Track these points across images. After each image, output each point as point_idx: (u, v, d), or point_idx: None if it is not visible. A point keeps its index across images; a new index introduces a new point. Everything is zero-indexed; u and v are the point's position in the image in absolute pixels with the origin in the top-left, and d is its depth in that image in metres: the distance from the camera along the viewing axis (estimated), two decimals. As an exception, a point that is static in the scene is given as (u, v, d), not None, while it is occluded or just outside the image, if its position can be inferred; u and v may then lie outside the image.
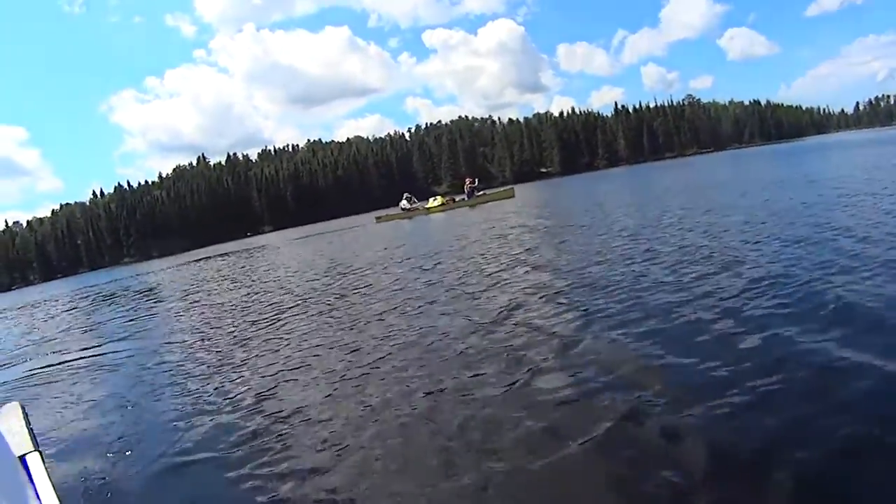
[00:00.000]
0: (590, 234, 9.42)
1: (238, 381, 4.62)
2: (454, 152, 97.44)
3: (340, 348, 4.93)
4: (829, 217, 6.97)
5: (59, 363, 7.21)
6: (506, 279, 6.59)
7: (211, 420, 3.77)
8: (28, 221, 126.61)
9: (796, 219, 7.35)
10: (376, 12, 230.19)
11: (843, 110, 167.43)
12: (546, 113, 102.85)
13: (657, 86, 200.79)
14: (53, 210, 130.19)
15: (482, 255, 9.13)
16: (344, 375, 4.11)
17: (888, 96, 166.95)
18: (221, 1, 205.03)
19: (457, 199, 31.42)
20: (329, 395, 3.81)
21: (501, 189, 34.96)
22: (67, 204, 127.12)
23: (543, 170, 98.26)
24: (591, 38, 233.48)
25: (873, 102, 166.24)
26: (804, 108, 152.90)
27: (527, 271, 6.85)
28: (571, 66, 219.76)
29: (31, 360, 8.13)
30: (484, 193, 31.87)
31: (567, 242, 8.92)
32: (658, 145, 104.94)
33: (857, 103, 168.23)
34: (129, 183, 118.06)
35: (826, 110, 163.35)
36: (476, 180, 32.52)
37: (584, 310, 4.52)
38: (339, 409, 3.56)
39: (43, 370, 6.94)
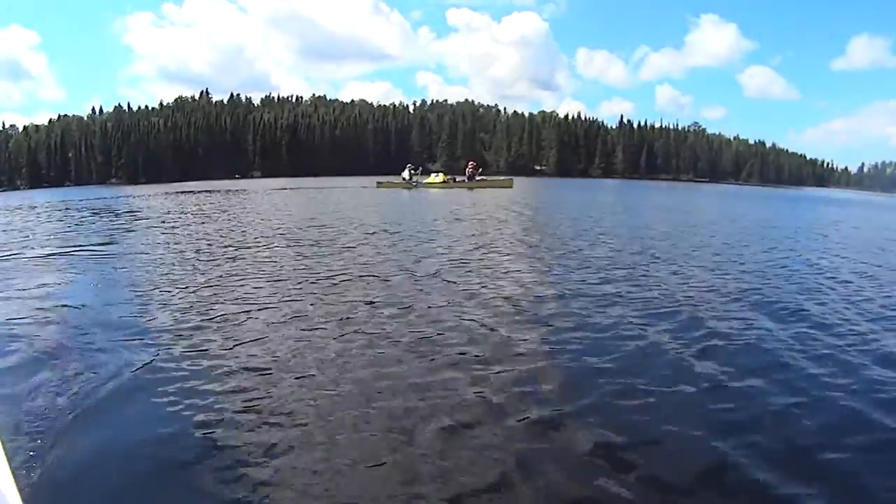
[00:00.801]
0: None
1: (183, 305, 5.29)
2: (454, 133, 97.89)
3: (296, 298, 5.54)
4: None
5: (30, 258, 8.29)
6: (468, 260, 7.68)
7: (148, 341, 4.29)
8: (25, 126, 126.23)
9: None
10: None
11: (846, 168, 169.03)
12: (551, 112, 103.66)
13: (669, 106, 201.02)
14: (51, 119, 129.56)
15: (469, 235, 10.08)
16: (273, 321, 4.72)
17: (894, 163, 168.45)
18: None
19: (457, 179, 32.48)
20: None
21: (501, 178, 36.04)
22: (65, 115, 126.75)
23: (538, 167, 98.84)
24: (613, 48, 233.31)
25: (879, 166, 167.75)
26: (808, 157, 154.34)
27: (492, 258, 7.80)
28: (588, 72, 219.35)
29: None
30: (484, 179, 33.17)
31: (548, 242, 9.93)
32: (655, 165, 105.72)
33: (863, 164, 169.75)
34: (129, 105, 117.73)
35: (830, 164, 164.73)
36: (479, 166, 33.81)
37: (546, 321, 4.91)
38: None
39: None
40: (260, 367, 3.69)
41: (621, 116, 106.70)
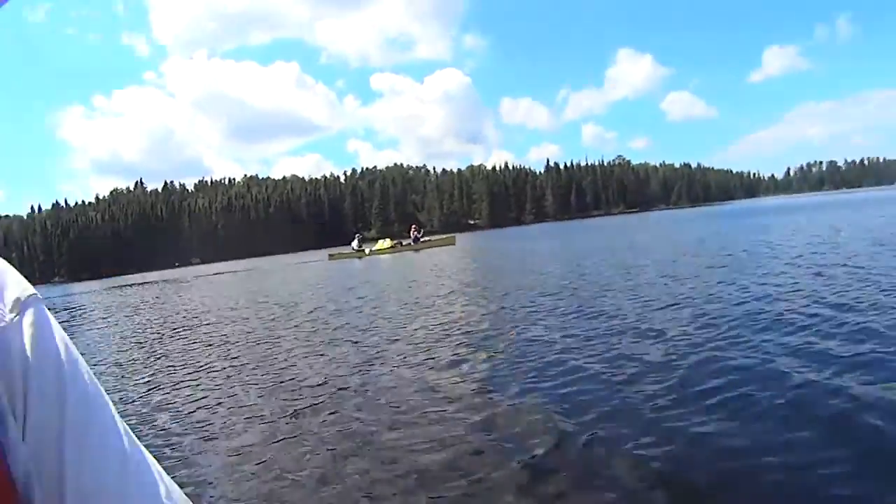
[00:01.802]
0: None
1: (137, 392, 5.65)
2: (386, 199, 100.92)
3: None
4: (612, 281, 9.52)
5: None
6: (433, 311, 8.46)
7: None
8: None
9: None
10: (327, 50, 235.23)
11: (773, 175, 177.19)
12: (479, 166, 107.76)
13: (595, 143, 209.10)
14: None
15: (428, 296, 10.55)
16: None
17: (820, 163, 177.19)
18: (178, 23, 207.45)
19: (404, 242, 34.81)
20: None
21: (444, 236, 38.52)
22: (6, 216, 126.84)
23: (471, 221, 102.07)
24: (535, 94, 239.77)
25: (804, 168, 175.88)
26: (734, 172, 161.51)
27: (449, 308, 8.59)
28: (513, 120, 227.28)
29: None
30: (429, 240, 35.43)
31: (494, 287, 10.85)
32: (585, 203, 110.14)
33: (788, 169, 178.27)
34: (66, 202, 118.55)
35: (756, 175, 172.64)
36: (421, 228, 36.57)
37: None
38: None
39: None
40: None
41: (547, 160, 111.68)
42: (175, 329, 10.33)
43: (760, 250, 12.06)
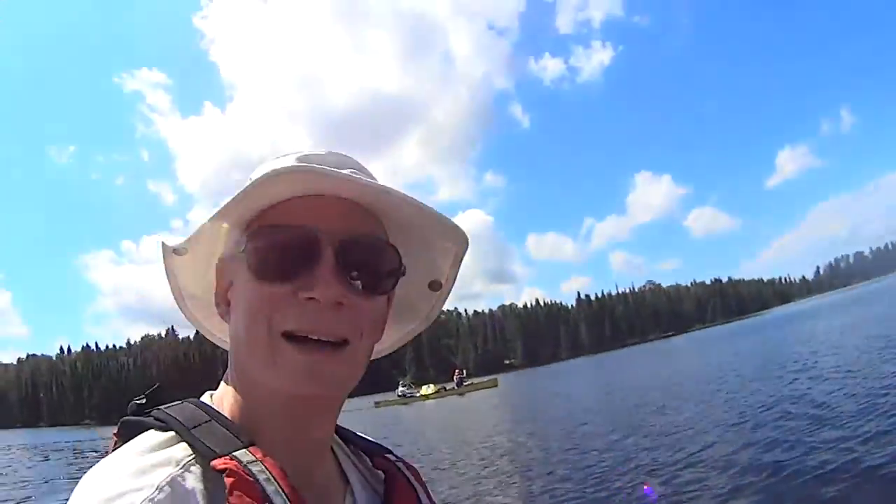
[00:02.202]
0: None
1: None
2: (419, 345, 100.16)
3: None
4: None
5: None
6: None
7: None
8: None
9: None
10: None
11: (804, 277, 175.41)
12: (510, 305, 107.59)
13: (624, 270, 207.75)
14: (19, 358, 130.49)
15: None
16: None
17: (847, 256, 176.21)
18: (202, 172, 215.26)
19: (447, 387, 33.87)
20: None
21: (486, 379, 37.56)
22: (34, 355, 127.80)
23: (507, 361, 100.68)
24: (559, 227, 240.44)
25: (833, 265, 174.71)
26: (765, 280, 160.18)
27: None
28: (540, 255, 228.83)
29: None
30: (472, 383, 34.64)
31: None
32: (620, 332, 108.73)
33: (818, 267, 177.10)
34: (97, 345, 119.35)
35: (787, 279, 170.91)
36: (464, 371, 35.87)
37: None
38: None
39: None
40: None
41: (578, 293, 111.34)
42: None
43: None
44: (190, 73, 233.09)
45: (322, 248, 0.49)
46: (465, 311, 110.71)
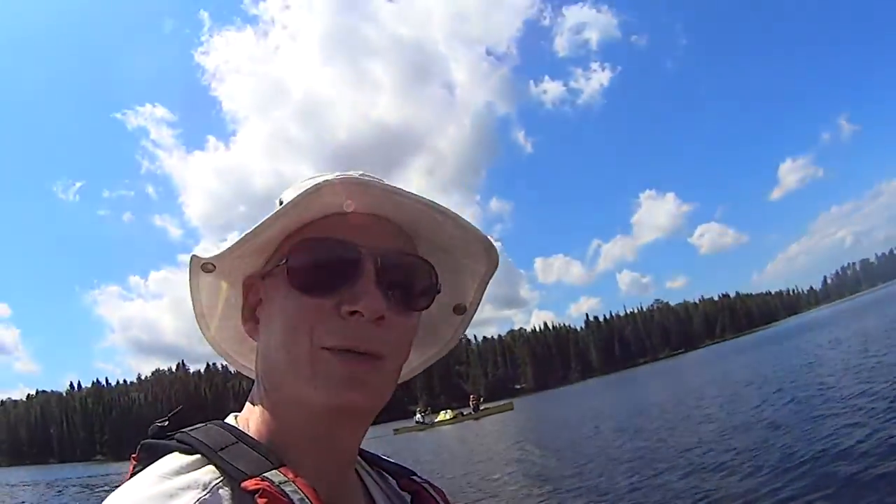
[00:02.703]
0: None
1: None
2: (429, 371, 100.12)
3: None
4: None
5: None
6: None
7: None
8: (2, 402, 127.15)
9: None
10: None
11: (811, 287, 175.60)
12: (519, 330, 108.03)
13: (632, 290, 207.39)
14: (29, 395, 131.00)
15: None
16: None
17: (853, 264, 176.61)
18: (206, 206, 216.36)
19: (465, 412, 34.37)
20: None
21: (502, 403, 38.23)
22: (43, 391, 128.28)
23: (518, 386, 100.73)
24: (566, 250, 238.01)
25: (839, 273, 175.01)
26: (773, 292, 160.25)
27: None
28: (548, 279, 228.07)
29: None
30: (488, 408, 35.48)
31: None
32: (630, 352, 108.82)
33: (825, 277, 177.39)
34: (107, 380, 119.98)
35: (795, 290, 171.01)
36: (480, 397, 36.25)
37: None
38: None
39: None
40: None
41: (587, 315, 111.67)
42: None
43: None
44: (193, 108, 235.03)
45: (364, 263, 0.49)
46: (475, 336, 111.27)
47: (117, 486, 0.46)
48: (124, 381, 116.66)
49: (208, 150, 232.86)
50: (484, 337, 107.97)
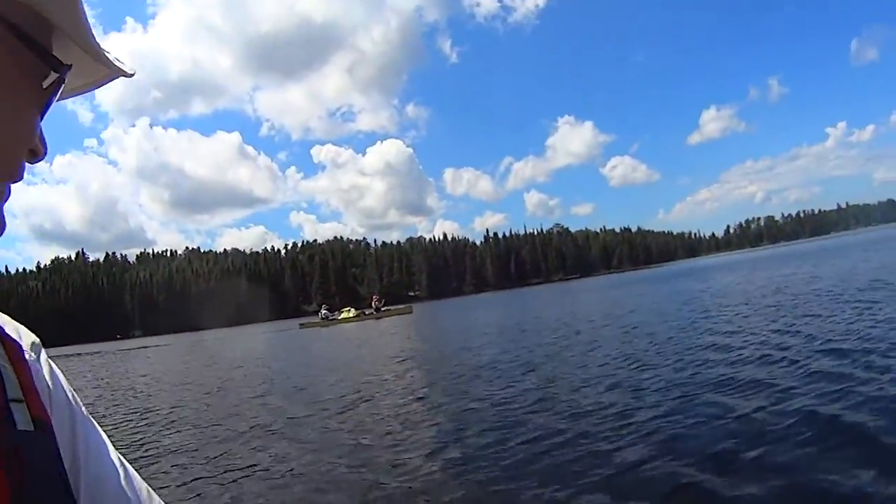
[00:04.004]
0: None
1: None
2: (325, 273, 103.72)
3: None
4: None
5: None
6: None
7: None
8: None
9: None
10: (270, 121, 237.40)
11: (713, 234, 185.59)
12: (418, 238, 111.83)
13: (539, 211, 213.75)
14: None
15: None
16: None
17: (758, 219, 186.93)
18: (119, 90, 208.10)
19: (366, 311, 38.20)
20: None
21: (402, 306, 42.71)
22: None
23: (411, 293, 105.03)
24: (477, 164, 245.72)
25: (743, 225, 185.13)
26: (675, 233, 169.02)
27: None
28: (457, 190, 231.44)
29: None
30: (388, 309, 38.98)
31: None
32: (525, 272, 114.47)
33: (728, 227, 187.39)
34: (6, 269, 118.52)
35: (697, 234, 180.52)
36: (382, 299, 40.46)
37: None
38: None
39: None
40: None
41: (486, 231, 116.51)
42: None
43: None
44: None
45: None
46: (375, 241, 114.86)
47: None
48: (24, 269, 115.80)
49: (125, 32, 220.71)
50: (383, 242, 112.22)
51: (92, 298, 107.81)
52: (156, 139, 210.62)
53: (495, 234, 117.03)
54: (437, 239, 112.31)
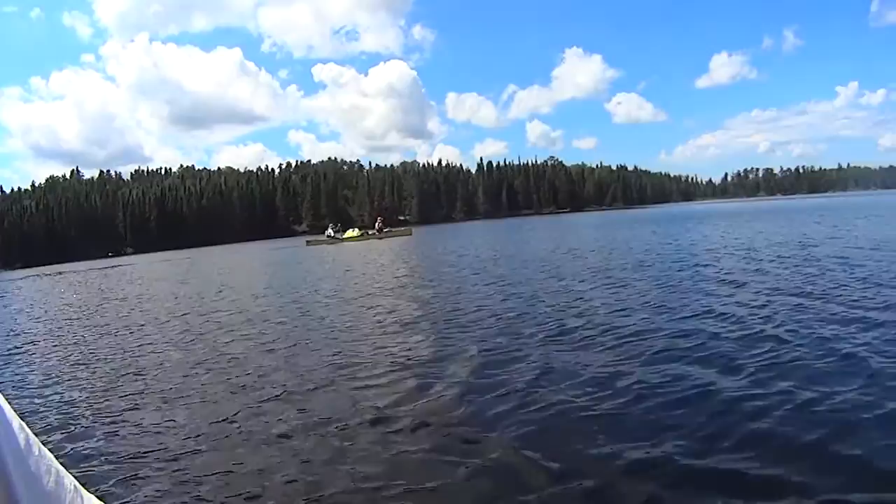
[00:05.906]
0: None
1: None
2: (317, 193, 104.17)
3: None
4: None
5: None
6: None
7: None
8: None
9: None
10: (272, 38, 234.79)
11: (710, 180, 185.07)
12: (412, 162, 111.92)
13: (540, 142, 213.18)
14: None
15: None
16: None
17: (757, 169, 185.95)
18: (119, 4, 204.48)
19: (370, 232, 40.93)
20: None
21: (403, 228, 48.37)
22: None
23: (402, 217, 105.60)
24: (481, 90, 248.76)
25: (741, 174, 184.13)
26: (672, 175, 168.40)
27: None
28: (458, 116, 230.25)
29: None
30: (390, 230, 43.20)
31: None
32: (517, 202, 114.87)
33: (726, 174, 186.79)
34: (1, 188, 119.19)
35: (694, 179, 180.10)
36: (385, 220, 44.20)
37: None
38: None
39: None
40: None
41: (480, 159, 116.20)
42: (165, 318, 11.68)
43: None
44: None
45: None
46: (370, 163, 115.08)
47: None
48: (18, 188, 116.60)
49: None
50: (377, 165, 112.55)
51: (85, 217, 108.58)
52: (155, 54, 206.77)
53: (489, 162, 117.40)
54: (430, 164, 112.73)
